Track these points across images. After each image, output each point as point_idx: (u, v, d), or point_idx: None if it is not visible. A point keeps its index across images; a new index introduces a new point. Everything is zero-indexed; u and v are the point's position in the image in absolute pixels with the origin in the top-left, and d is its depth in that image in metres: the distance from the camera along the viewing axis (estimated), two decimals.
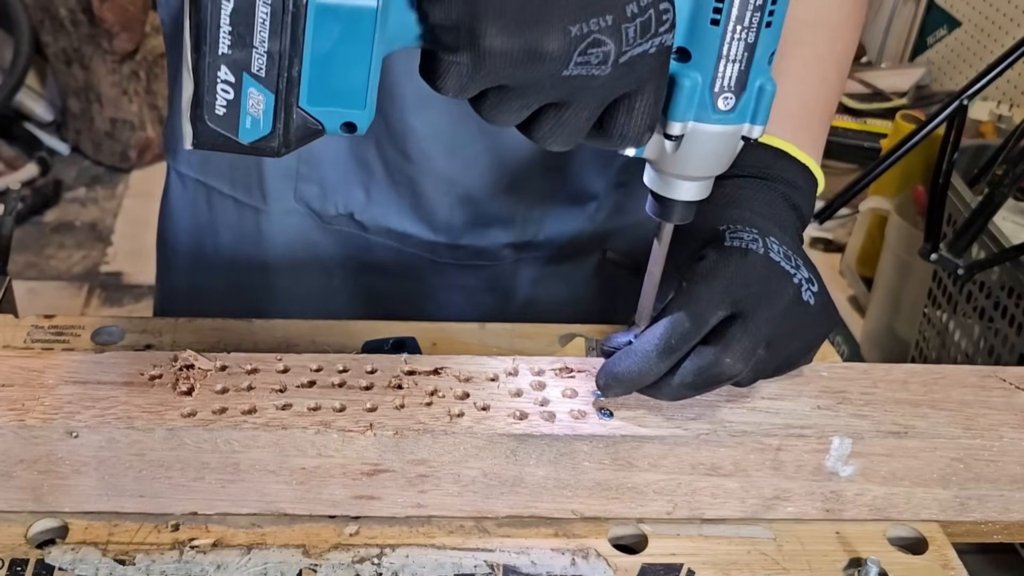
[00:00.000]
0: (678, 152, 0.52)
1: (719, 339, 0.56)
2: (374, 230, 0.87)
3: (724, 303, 0.57)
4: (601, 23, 0.45)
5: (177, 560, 0.57)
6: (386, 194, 0.85)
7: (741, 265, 0.58)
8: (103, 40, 2.85)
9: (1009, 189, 1.64)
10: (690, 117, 0.50)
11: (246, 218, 0.89)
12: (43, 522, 0.59)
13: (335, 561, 0.58)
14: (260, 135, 0.47)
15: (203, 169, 0.89)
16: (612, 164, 0.86)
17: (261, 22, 0.44)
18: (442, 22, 0.45)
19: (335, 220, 0.87)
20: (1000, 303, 1.72)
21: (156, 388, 0.59)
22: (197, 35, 0.45)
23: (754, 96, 0.51)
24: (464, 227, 0.86)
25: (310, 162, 0.84)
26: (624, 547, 0.61)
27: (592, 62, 0.45)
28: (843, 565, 0.60)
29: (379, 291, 0.91)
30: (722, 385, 0.58)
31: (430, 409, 0.59)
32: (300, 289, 0.90)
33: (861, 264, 2.52)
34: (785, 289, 0.58)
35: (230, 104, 0.46)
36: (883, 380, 0.65)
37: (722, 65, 0.49)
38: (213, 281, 0.93)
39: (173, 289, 0.98)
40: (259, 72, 0.46)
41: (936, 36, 3.16)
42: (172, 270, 0.96)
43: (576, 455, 0.59)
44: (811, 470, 0.61)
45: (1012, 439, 0.61)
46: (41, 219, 2.83)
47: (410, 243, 0.87)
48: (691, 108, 0.50)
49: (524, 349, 0.77)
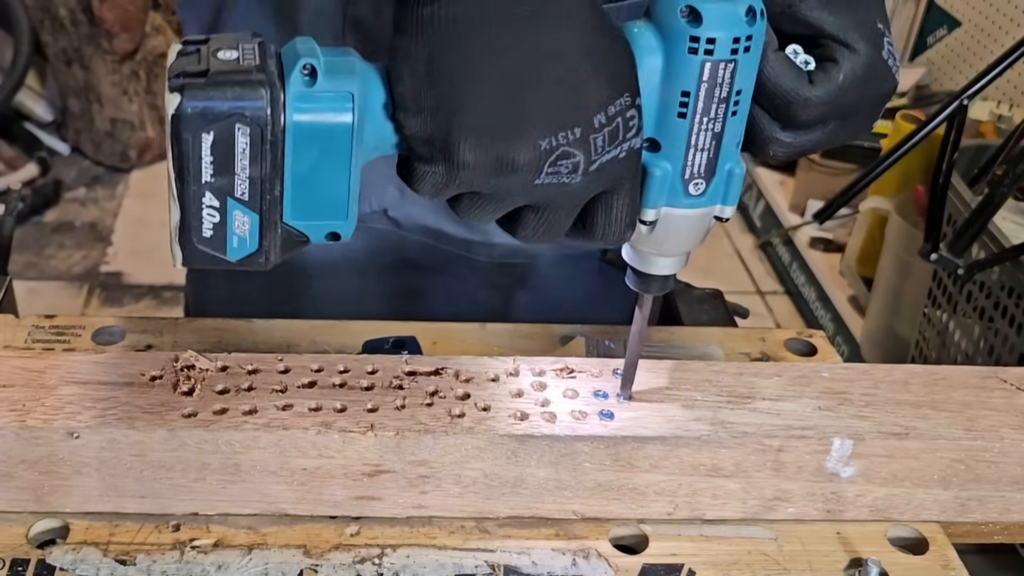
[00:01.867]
0: (653, 235, 0.53)
1: None
2: (408, 227, 0.87)
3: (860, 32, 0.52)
4: (569, 136, 0.46)
5: (178, 560, 0.57)
6: None
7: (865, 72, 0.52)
8: (103, 40, 2.85)
9: (1009, 189, 1.63)
10: (662, 203, 0.52)
11: None
12: (44, 522, 0.59)
13: (336, 561, 0.58)
14: (247, 252, 0.48)
15: None
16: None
17: (241, 151, 0.46)
18: (417, 134, 0.47)
19: (369, 217, 0.87)
20: (1000, 303, 1.72)
21: (157, 388, 0.59)
22: (180, 165, 0.46)
23: (724, 180, 0.52)
24: None
25: None
26: (625, 547, 0.61)
27: (563, 172, 0.47)
28: (844, 565, 0.60)
29: (414, 289, 0.91)
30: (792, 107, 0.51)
31: (431, 410, 0.59)
32: (335, 290, 0.90)
33: (861, 264, 2.51)
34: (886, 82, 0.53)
35: (216, 227, 0.47)
36: (884, 381, 0.65)
37: (691, 154, 0.50)
38: (249, 284, 0.92)
39: (208, 292, 0.97)
40: (243, 196, 0.47)
41: (936, 36, 3.16)
42: (205, 272, 0.96)
43: (577, 456, 0.59)
44: (812, 471, 0.61)
45: (1013, 440, 0.61)
46: (41, 219, 2.83)
47: (445, 240, 0.87)
48: (663, 195, 0.51)
49: (525, 349, 0.77)
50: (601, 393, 0.61)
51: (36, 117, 3.12)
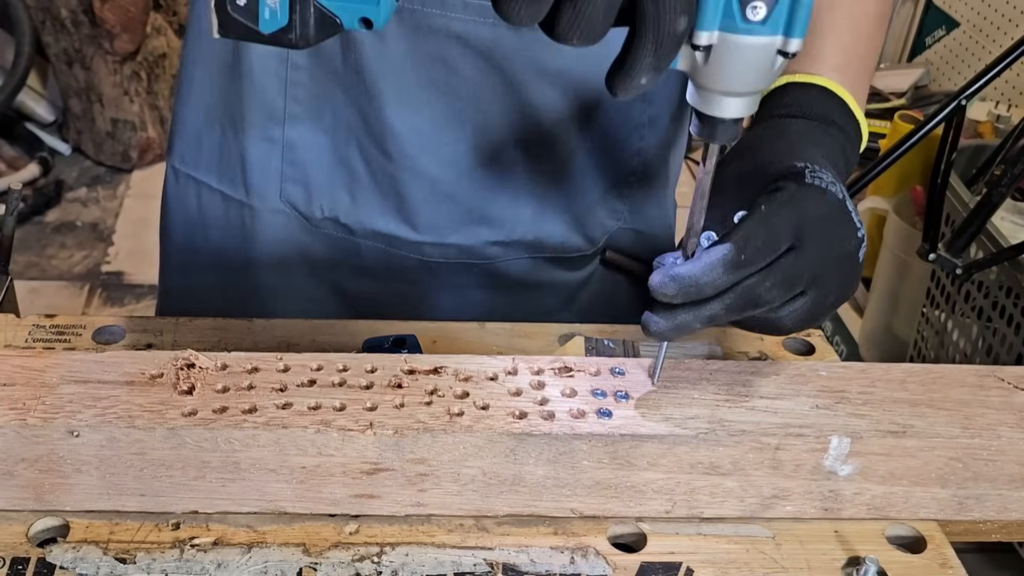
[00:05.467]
0: (710, 65, 0.49)
1: (772, 264, 0.55)
2: (361, 233, 0.87)
3: (796, 234, 0.56)
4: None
5: (178, 559, 0.57)
6: (370, 196, 0.85)
7: (820, 202, 0.57)
8: (104, 41, 2.85)
9: (1007, 189, 1.64)
10: (716, 26, 0.47)
11: (232, 213, 0.89)
12: (44, 521, 0.60)
13: (335, 559, 0.58)
14: (278, 26, 0.48)
15: (194, 163, 0.90)
16: (608, 172, 0.86)
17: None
18: None
19: (321, 224, 0.87)
20: (998, 303, 1.72)
21: (157, 387, 0.60)
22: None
23: (786, 6, 0.47)
24: (449, 226, 0.86)
25: (294, 163, 0.85)
26: (623, 546, 0.61)
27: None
28: (842, 564, 0.60)
29: (369, 295, 0.91)
30: (755, 310, 0.56)
31: (430, 408, 0.59)
32: (288, 290, 0.91)
33: None
34: (849, 238, 0.58)
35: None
36: (881, 380, 0.65)
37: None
38: (204, 278, 0.93)
39: (170, 286, 0.98)
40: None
41: (934, 36, 3.16)
42: (169, 268, 0.97)
43: (575, 454, 0.59)
44: (810, 469, 0.61)
45: (1010, 438, 0.62)
46: (42, 219, 2.83)
47: (397, 244, 0.87)
48: (716, 17, 0.47)
49: (524, 348, 0.77)
50: (599, 392, 0.61)
51: (37, 117, 3.13)
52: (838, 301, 0.61)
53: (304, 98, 0.82)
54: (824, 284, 0.58)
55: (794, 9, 0.47)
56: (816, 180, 0.58)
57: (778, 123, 0.66)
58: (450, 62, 0.77)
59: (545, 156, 0.83)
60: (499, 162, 0.83)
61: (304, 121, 0.83)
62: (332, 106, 0.82)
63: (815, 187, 0.58)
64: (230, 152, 0.87)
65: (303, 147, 0.84)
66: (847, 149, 0.67)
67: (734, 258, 0.54)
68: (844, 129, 0.67)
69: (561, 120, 0.81)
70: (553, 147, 0.83)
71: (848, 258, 0.59)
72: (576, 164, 0.84)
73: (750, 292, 0.55)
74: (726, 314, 0.56)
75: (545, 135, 0.82)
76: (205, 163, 0.89)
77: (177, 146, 0.92)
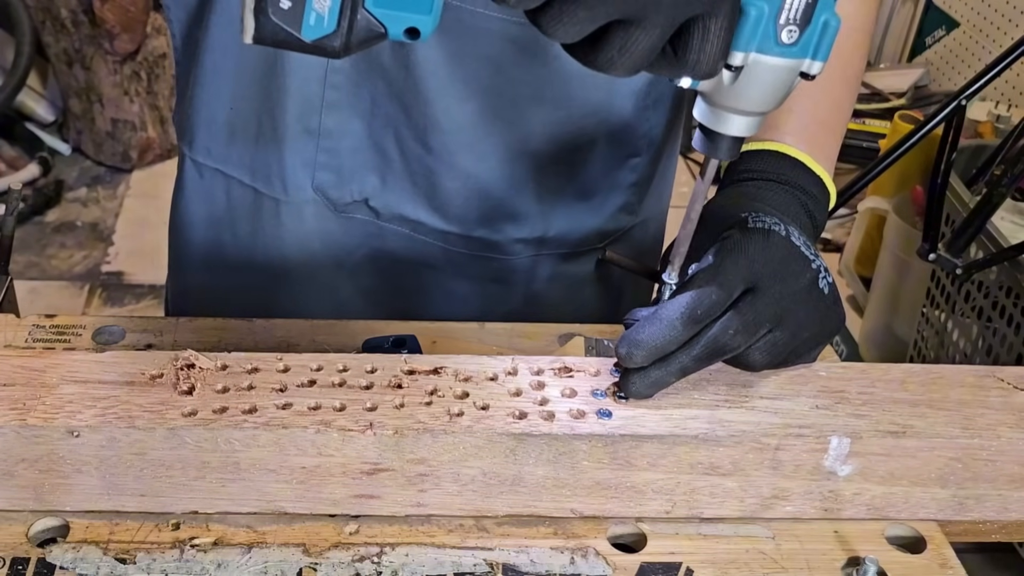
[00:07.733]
0: (736, 84, 0.51)
1: (729, 310, 0.58)
2: (387, 217, 0.87)
3: (747, 278, 0.59)
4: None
5: (178, 559, 0.57)
6: (401, 182, 0.85)
7: (763, 244, 0.60)
8: (104, 41, 2.85)
9: (1007, 189, 1.64)
10: (752, 48, 0.49)
11: (265, 209, 0.88)
12: (44, 521, 0.60)
13: (335, 560, 0.58)
14: (323, 33, 0.46)
15: (224, 158, 0.88)
16: (625, 164, 0.87)
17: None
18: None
19: (350, 207, 0.87)
20: (998, 303, 1.72)
21: (157, 387, 0.60)
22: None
23: (818, 31, 0.49)
24: (478, 220, 0.86)
25: (330, 150, 0.84)
26: (623, 546, 0.61)
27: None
28: (841, 564, 0.60)
29: (389, 278, 0.91)
30: (724, 356, 0.60)
31: (430, 408, 0.59)
32: (312, 281, 0.91)
33: (860, 264, 2.52)
34: (802, 272, 0.60)
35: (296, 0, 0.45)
36: (881, 380, 0.65)
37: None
38: (227, 275, 0.92)
39: (187, 285, 0.97)
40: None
41: (934, 36, 3.16)
42: (185, 266, 0.96)
43: (575, 454, 0.59)
44: (809, 469, 0.61)
45: (1010, 439, 0.62)
46: (42, 219, 2.83)
47: (422, 231, 0.87)
48: (754, 38, 0.49)
49: (524, 348, 0.77)
50: (599, 392, 0.61)
51: (37, 117, 3.13)
52: (820, 336, 0.63)
53: (342, 84, 0.81)
54: (791, 320, 0.60)
55: (824, 33, 0.49)
56: (758, 223, 0.61)
57: (731, 188, 0.70)
58: (497, 62, 0.78)
59: (573, 153, 0.84)
60: (532, 160, 0.84)
61: (341, 108, 0.82)
62: (372, 94, 0.81)
63: (757, 229, 0.60)
64: (267, 148, 0.85)
65: (339, 133, 0.83)
66: (809, 204, 0.70)
67: (690, 313, 0.57)
68: (801, 185, 0.70)
69: (586, 115, 0.83)
70: (578, 143, 0.84)
71: (807, 291, 0.61)
72: (598, 157, 0.85)
73: (714, 341, 0.58)
74: (695, 364, 0.59)
75: (574, 132, 0.83)
76: (236, 158, 0.87)
77: (201, 140, 0.89)
